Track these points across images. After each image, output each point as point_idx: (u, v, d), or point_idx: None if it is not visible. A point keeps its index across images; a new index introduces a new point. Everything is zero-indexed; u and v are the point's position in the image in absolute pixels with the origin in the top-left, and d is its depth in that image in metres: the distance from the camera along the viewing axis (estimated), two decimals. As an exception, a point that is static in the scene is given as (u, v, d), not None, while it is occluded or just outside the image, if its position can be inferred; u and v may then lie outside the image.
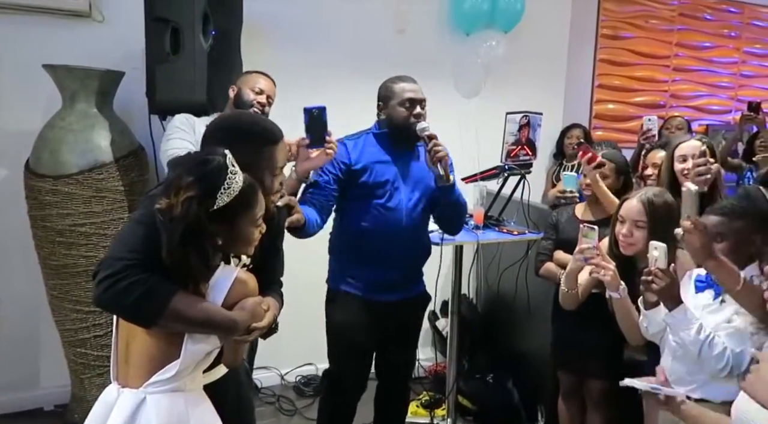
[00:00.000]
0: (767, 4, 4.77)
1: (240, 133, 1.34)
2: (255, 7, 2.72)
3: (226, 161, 1.17)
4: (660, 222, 1.73)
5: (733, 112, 4.71)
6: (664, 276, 1.48)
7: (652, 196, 1.77)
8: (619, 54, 4.28)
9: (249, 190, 1.20)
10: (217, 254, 1.21)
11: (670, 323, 1.51)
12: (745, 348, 1.42)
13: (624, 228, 1.79)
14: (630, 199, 1.81)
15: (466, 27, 3.29)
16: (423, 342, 3.49)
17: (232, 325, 1.20)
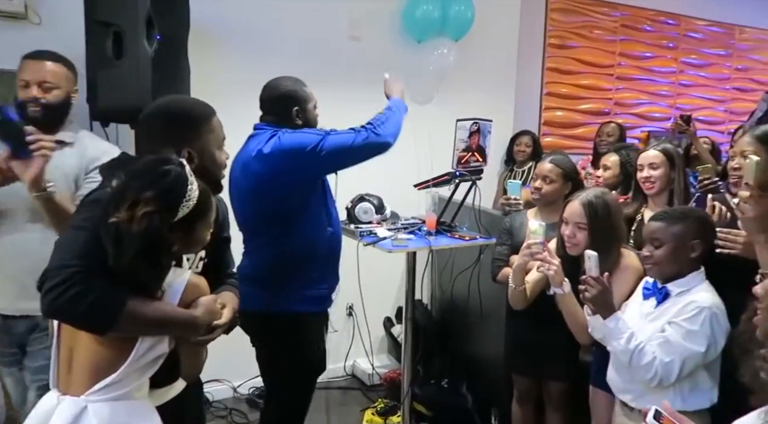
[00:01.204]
0: (702, 17, 5.03)
1: (178, 118, 1.34)
2: (203, 11, 2.66)
3: (184, 172, 1.16)
4: (600, 223, 1.79)
5: (672, 119, 4.92)
6: (596, 284, 1.51)
7: (593, 197, 1.82)
8: (565, 63, 4.42)
9: (205, 196, 1.21)
10: (170, 258, 1.20)
11: (604, 331, 1.54)
12: (674, 359, 1.44)
13: (568, 229, 1.85)
14: (573, 201, 1.86)
15: (418, 35, 3.33)
16: (378, 349, 3.50)
17: (192, 321, 1.20)
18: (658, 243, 1.55)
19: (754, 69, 5.48)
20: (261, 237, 1.97)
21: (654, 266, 1.56)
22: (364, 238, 2.38)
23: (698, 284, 1.54)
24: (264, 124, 2.02)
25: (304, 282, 1.95)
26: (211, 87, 2.82)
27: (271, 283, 1.93)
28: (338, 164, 1.96)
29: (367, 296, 2.70)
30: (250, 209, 1.98)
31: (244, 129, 2.86)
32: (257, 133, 1.99)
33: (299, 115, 1.99)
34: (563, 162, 2.29)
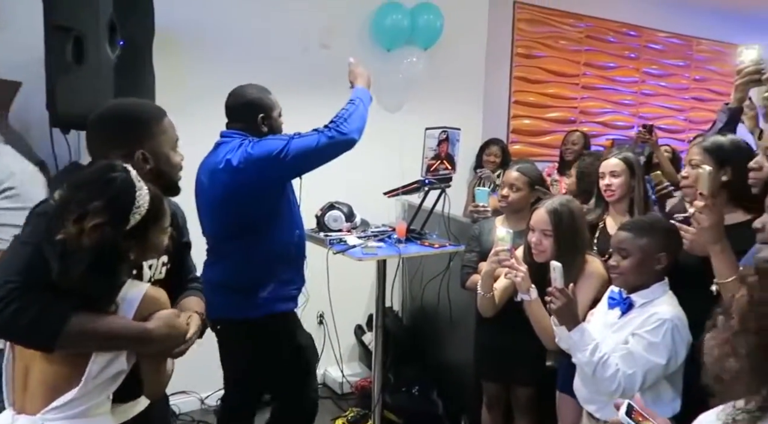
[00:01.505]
0: (662, 29, 5.20)
1: (127, 121, 1.32)
2: (169, 16, 2.62)
3: (130, 177, 1.13)
4: (565, 230, 1.82)
5: (635, 127, 5.08)
6: (561, 296, 1.53)
7: (558, 205, 1.86)
8: (532, 72, 4.51)
9: (157, 201, 1.17)
10: (126, 270, 1.16)
11: (569, 343, 1.56)
12: (636, 370, 1.46)
13: (534, 236, 1.87)
14: (539, 208, 1.89)
15: (387, 43, 3.34)
16: (349, 357, 3.48)
17: (145, 335, 1.15)
18: (625, 253, 1.57)
19: (711, 79, 5.69)
20: (232, 244, 1.97)
21: (620, 276, 1.59)
22: (333, 246, 2.37)
23: (661, 295, 1.57)
24: (231, 131, 2.02)
25: (276, 285, 1.98)
26: (177, 94, 2.79)
27: (246, 288, 1.94)
28: (305, 167, 1.95)
29: (338, 304, 2.69)
30: (220, 218, 1.98)
31: (210, 135, 2.82)
32: (225, 141, 2.00)
33: (264, 123, 2.00)
34: (529, 170, 2.32)
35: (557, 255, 1.80)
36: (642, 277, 1.56)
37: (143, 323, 1.15)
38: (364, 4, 3.32)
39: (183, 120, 2.83)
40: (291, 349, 2.05)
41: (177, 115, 2.78)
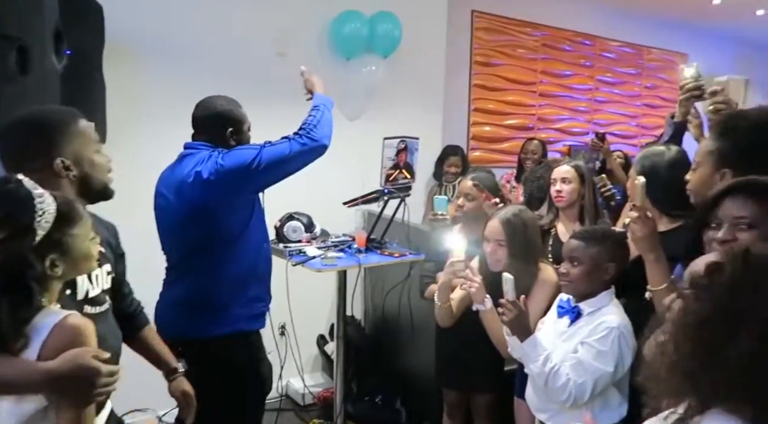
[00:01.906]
0: (614, 38, 5.38)
1: (39, 128, 1.26)
2: (120, 24, 2.55)
3: (23, 187, 1.06)
4: (518, 240, 1.85)
5: (590, 133, 5.22)
6: (513, 308, 1.56)
7: (511, 215, 1.90)
8: (491, 80, 4.58)
9: (66, 206, 1.10)
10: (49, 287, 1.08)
11: (521, 354, 1.59)
12: (586, 379, 1.50)
13: (489, 246, 1.90)
14: (492, 219, 1.92)
15: (347, 51, 3.34)
16: (312, 368, 3.46)
17: (42, 378, 0.98)
18: (575, 262, 1.61)
19: (661, 87, 5.91)
20: (200, 259, 1.86)
21: (569, 283, 1.63)
22: (293, 257, 2.35)
23: (607, 303, 1.61)
24: (197, 143, 1.93)
25: (244, 302, 1.90)
26: (129, 104, 2.73)
27: (213, 306, 1.85)
28: (278, 176, 1.91)
29: (300, 315, 2.66)
30: (188, 232, 1.86)
31: (166, 147, 2.76)
32: (190, 153, 1.90)
33: (233, 137, 1.93)
34: (484, 180, 2.36)
35: (511, 264, 1.83)
36: (591, 285, 1.60)
37: (44, 364, 1.00)
38: (322, 12, 3.31)
39: (136, 131, 2.80)
40: (253, 374, 1.94)
41: (130, 126, 2.76)
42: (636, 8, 5.17)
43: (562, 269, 1.64)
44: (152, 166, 2.34)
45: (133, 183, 2.04)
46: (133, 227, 1.83)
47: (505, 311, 1.57)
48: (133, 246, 1.64)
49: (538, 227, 2.05)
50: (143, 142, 2.76)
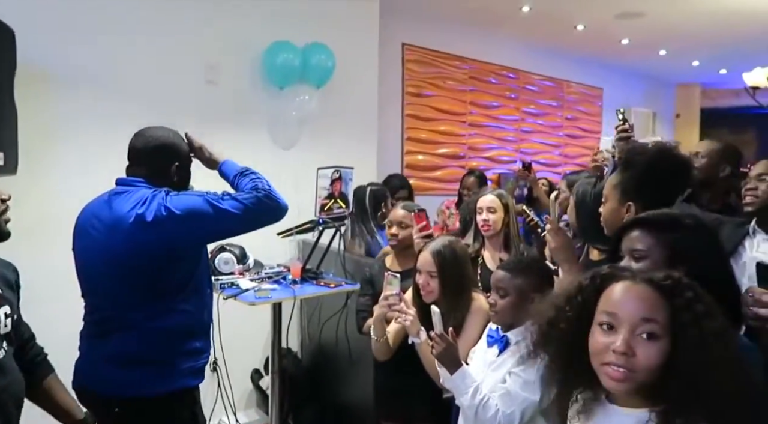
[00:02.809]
0: (536, 72, 5.70)
1: None
2: (34, 49, 2.43)
3: None
4: (449, 271, 1.88)
5: (518, 161, 5.47)
6: (441, 341, 1.57)
7: (441, 247, 1.92)
8: (423, 110, 4.72)
9: None
10: None
11: (450, 387, 1.60)
12: (515, 409, 1.52)
13: (421, 278, 1.92)
14: (424, 251, 1.95)
15: (280, 81, 3.34)
16: (247, 404, 3.32)
17: None
18: (503, 293, 1.64)
19: (580, 118, 6.30)
20: (138, 312, 1.63)
21: (496, 314, 1.66)
22: (224, 290, 2.27)
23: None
24: (132, 178, 1.70)
25: (188, 355, 1.71)
26: (43, 132, 2.58)
27: (154, 362, 1.65)
28: (234, 231, 1.76)
29: (232, 349, 2.56)
30: (127, 281, 1.62)
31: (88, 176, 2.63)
32: (126, 191, 1.66)
33: (178, 173, 1.75)
34: (414, 207, 2.40)
35: (443, 295, 1.85)
36: (517, 315, 1.63)
37: None
38: (254, 42, 3.30)
39: (54, 160, 2.64)
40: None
41: (47, 154, 2.60)
42: (555, 45, 5.52)
43: (491, 300, 1.68)
44: (71, 197, 2.20)
45: (49, 214, 1.92)
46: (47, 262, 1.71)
47: (435, 344, 1.57)
48: (47, 284, 1.53)
49: (469, 256, 2.10)
50: (61, 172, 2.61)
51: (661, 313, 0.90)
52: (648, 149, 1.58)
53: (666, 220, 1.24)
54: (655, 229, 1.21)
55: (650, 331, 0.89)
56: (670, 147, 1.66)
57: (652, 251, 1.17)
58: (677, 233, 1.20)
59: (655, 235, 1.20)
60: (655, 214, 1.28)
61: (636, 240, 1.21)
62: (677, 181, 1.60)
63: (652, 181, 1.48)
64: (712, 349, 0.86)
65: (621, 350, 0.88)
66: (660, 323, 0.89)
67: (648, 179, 1.49)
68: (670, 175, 1.55)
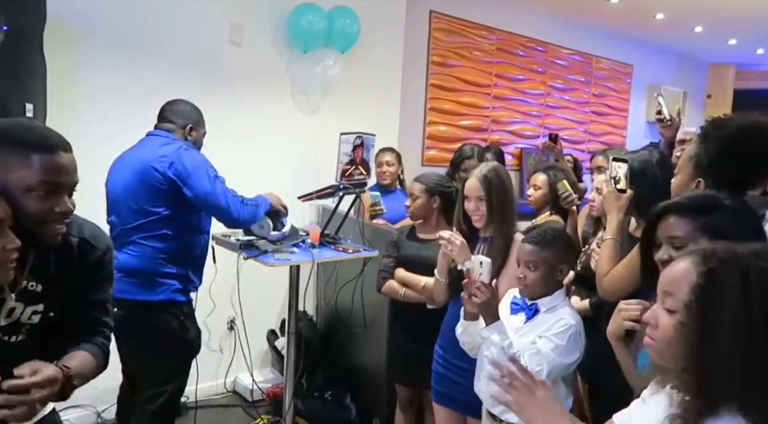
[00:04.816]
0: (566, 46, 5.55)
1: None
2: (63, 3, 2.43)
3: None
4: (496, 194, 1.89)
5: (541, 137, 5.38)
6: (486, 291, 1.58)
7: (487, 172, 1.92)
8: (447, 80, 4.64)
9: None
10: None
11: (485, 336, 1.61)
12: (543, 368, 1.55)
13: (471, 204, 1.92)
14: (470, 178, 1.94)
15: (304, 45, 3.30)
16: (262, 364, 3.40)
17: None
18: (533, 266, 1.66)
19: (608, 95, 6.15)
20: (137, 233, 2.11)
21: (526, 287, 1.68)
22: (244, 251, 2.30)
23: (562, 302, 1.69)
24: (159, 131, 2.21)
25: (173, 276, 2.15)
26: (72, 87, 2.60)
27: (145, 274, 2.10)
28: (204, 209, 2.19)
29: (249, 309, 2.61)
30: (131, 205, 2.10)
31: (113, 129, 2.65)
32: (155, 136, 2.18)
33: (191, 133, 2.24)
34: (426, 178, 2.38)
35: (490, 219, 1.88)
36: (546, 287, 1.67)
37: None
38: (279, 4, 3.26)
39: (78, 113, 2.67)
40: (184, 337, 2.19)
41: (71, 106, 2.62)
42: (586, 19, 5.36)
43: (519, 274, 1.69)
44: (98, 149, 2.25)
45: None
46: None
47: (478, 293, 1.57)
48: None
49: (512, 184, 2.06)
50: (87, 126, 2.64)
51: None
52: (730, 124, 1.43)
53: (701, 202, 1.18)
54: (690, 213, 1.15)
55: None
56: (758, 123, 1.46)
57: (691, 237, 1.12)
58: (715, 215, 1.14)
59: (691, 219, 1.14)
60: (688, 196, 1.23)
61: (673, 227, 1.16)
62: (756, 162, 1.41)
63: (726, 159, 1.35)
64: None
65: None
66: None
67: (720, 155, 1.36)
68: (747, 154, 1.37)
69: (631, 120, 6.45)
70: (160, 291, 2.12)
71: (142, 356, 2.18)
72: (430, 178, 2.39)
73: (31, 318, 1.20)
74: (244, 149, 3.12)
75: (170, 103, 2.27)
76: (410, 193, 2.37)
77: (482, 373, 1.72)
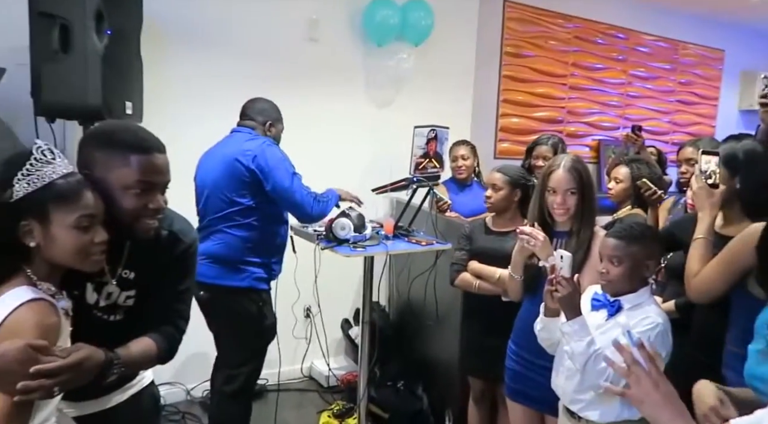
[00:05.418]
0: (649, 32, 5.26)
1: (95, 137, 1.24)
2: (157, 7, 2.59)
3: (32, 149, 1.08)
4: (587, 187, 1.83)
5: (621, 128, 5.14)
6: (567, 285, 1.53)
7: (573, 163, 1.84)
8: (521, 71, 4.53)
9: (67, 184, 1.09)
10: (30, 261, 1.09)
11: (566, 331, 1.56)
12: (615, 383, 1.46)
13: (558, 197, 1.82)
14: (554, 170, 1.84)
15: (378, 38, 3.34)
16: (336, 351, 3.50)
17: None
18: (617, 261, 1.58)
19: (695, 83, 5.76)
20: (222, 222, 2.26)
21: (609, 283, 1.60)
22: (321, 242, 2.37)
23: (648, 300, 1.60)
24: (242, 127, 2.38)
25: (255, 265, 2.28)
26: (164, 85, 2.78)
27: (229, 261, 2.24)
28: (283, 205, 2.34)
29: (325, 298, 2.69)
30: (229, 198, 2.25)
31: (198, 126, 2.80)
32: (240, 133, 2.36)
33: (270, 129, 2.40)
34: (509, 170, 2.34)
35: (578, 212, 1.81)
36: (631, 283, 1.59)
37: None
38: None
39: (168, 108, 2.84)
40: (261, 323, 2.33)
41: (163, 102, 2.80)
42: (671, 2, 5.05)
43: (602, 269, 1.62)
44: (188, 148, 2.39)
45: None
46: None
47: (559, 287, 1.53)
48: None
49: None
50: (178, 122, 2.81)
51: None
52: None
53: None
54: None
55: None
56: None
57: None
58: None
59: None
60: None
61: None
62: None
63: None
64: None
65: None
66: None
67: None
68: None
69: (721, 109, 6.01)
70: (243, 278, 2.25)
71: (222, 338, 2.33)
72: (512, 170, 2.34)
73: (126, 302, 1.30)
74: (320, 143, 3.21)
75: (251, 102, 2.41)
76: (492, 184, 2.31)
77: (561, 368, 1.68)
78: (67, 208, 1.08)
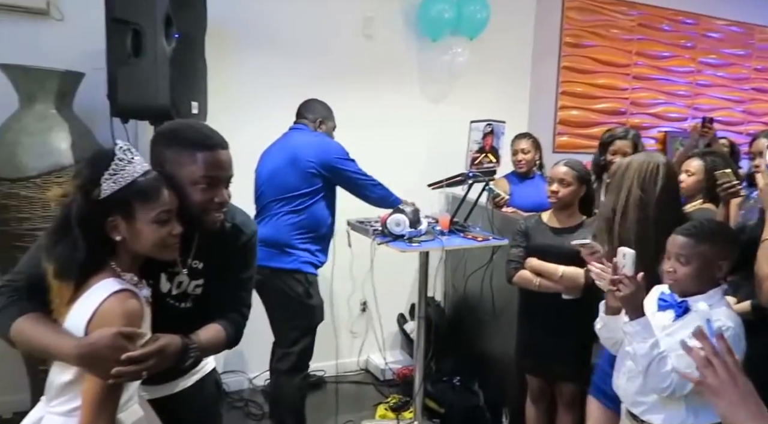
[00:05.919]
0: (721, 17, 4.96)
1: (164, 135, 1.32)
2: (219, 10, 2.69)
3: (114, 149, 1.15)
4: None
5: (690, 119, 4.88)
6: (630, 284, 1.47)
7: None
8: (581, 62, 4.38)
9: (147, 182, 1.16)
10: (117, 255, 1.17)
11: (628, 331, 1.49)
12: (692, 371, 1.39)
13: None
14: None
15: (433, 33, 3.33)
16: (392, 345, 3.53)
17: (71, 352, 1.07)
18: (684, 260, 1.50)
19: (773, 69, 5.39)
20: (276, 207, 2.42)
21: (676, 282, 1.52)
22: (377, 237, 2.40)
23: (720, 300, 1.51)
24: (299, 125, 2.56)
25: (304, 250, 2.43)
26: (226, 85, 2.88)
27: (279, 244, 2.38)
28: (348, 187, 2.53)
29: (381, 293, 2.73)
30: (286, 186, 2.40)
31: (258, 124, 2.90)
32: (298, 130, 2.55)
33: (321, 125, 2.56)
34: (577, 164, 2.28)
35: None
36: (699, 284, 1.50)
37: (68, 345, 1.08)
38: (410, -6, 3.32)
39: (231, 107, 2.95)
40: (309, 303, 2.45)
41: (227, 102, 2.91)
42: (748, -18, 4.74)
43: (669, 267, 1.53)
44: (248, 150, 2.46)
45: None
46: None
47: (621, 286, 1.47)
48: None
49: None
50: (240, 122, 2.91)
51: None
52: None
53: None
54: None
55: None
56: None
57: None
58: None
59: None
60: None
61: None
62: None
63: None
64: None
65: None
66: None
67: None
68: None
69: None
70: (291, 261, 2.40)
71: (275, 320, 2.47)
72: (578, 165, 2.28)
73: (195, 290, 1.38)
74: (375, 138, 3.24)
75: (305, 103, 2.60)
76: (560, 178, 2.22)
77: (623, 369, 1.62)
78: (149, 205, 1.15)
